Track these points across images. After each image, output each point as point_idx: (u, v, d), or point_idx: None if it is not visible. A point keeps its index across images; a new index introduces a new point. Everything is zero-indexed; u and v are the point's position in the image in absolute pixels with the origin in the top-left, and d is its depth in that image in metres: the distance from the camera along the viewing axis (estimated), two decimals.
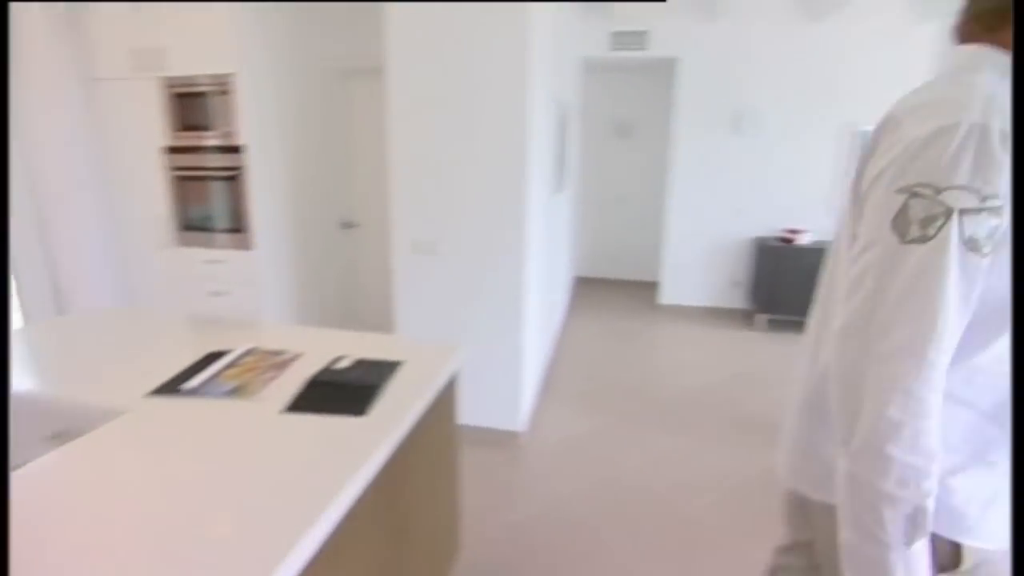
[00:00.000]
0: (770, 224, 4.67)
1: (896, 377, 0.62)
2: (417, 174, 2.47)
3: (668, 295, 5.02)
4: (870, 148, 0.72)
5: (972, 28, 0.73)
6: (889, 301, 0.63)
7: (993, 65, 0.68)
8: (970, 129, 0.60)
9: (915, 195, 0.62)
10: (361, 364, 1.41)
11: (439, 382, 1.39)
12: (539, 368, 3.26)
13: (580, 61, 4.73)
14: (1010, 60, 0.68)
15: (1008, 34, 0.69)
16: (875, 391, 0.63)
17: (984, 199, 0.60)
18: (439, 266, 2.54)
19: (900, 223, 0.63)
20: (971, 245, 0.61)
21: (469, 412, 2.64)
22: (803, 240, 4.35)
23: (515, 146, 2.33)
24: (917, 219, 0.62)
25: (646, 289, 5.61)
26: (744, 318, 4.76)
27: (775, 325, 4.53)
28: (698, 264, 4.90)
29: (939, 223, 0.61)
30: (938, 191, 0.61)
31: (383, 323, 3.45)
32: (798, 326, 4.61)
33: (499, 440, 2.69)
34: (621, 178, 5.84)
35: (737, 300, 4.93)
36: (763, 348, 4.17)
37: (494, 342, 2.58)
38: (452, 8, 2.26)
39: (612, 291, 5.70)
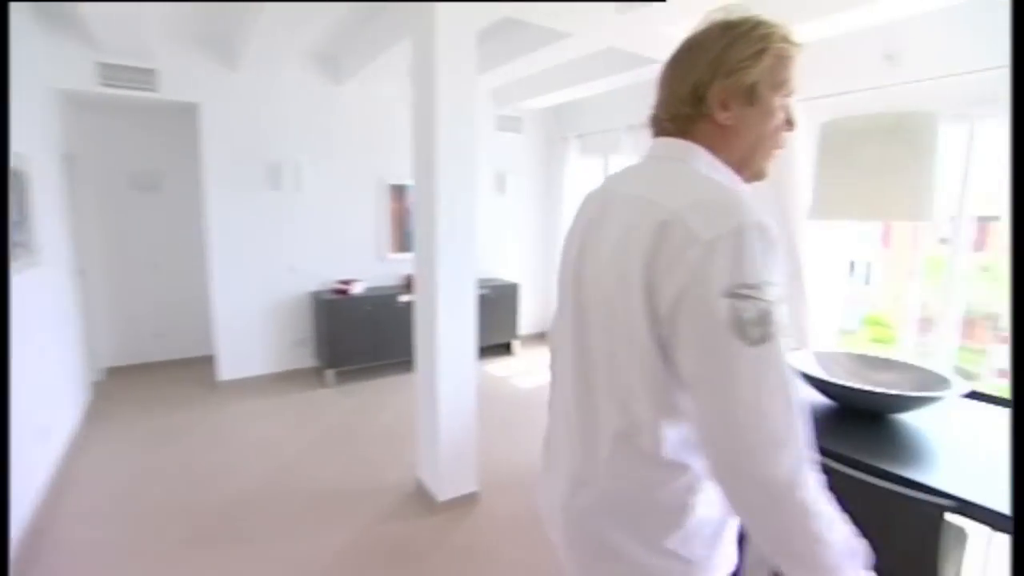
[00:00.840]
0: (324, 277, 4.65)
1: (808, 496, 0.67)
2: None
3: (229, 369, 4.38)
4: (650, 248, 0.71)
5: (667, 126, 0.84)
6: (768, 415, 0.66)
7: (700, 157, 0.80)
8: (757, 226, 0.66)
9: (741, 296, 0.64)
10: None
11: None
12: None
13: (55, 94, 3.65)
14: (709, 155, 0.81)
15: (699, 134, 0.81)
16: (798, 517, 0.67)
17: (779, 287, 0.67)
18: None
19: (738, 328, 0.64)
20: (781, 331, 0.66)
21: None
22: (357, 290, 4.48)
23: None
24: (751, 320, 0.64)
25: (201, 366, 4.79)
26: (315, 376, 4.58)
27: (343, 377, 4.51)
28: (258, 329, 4.46)
29: (771, 318, 0.65)
30: (758, 288, 0.65)
31: None
32: (364, 373, 4.78)
33: None
34: (151, 241, 4.82)
35: (305, 359, 4.71)
36: (336, 404, 4.06)
37: None
38: None
39: (158, 377, 4.64)
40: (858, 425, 1.85)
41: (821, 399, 2.08)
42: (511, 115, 5.55)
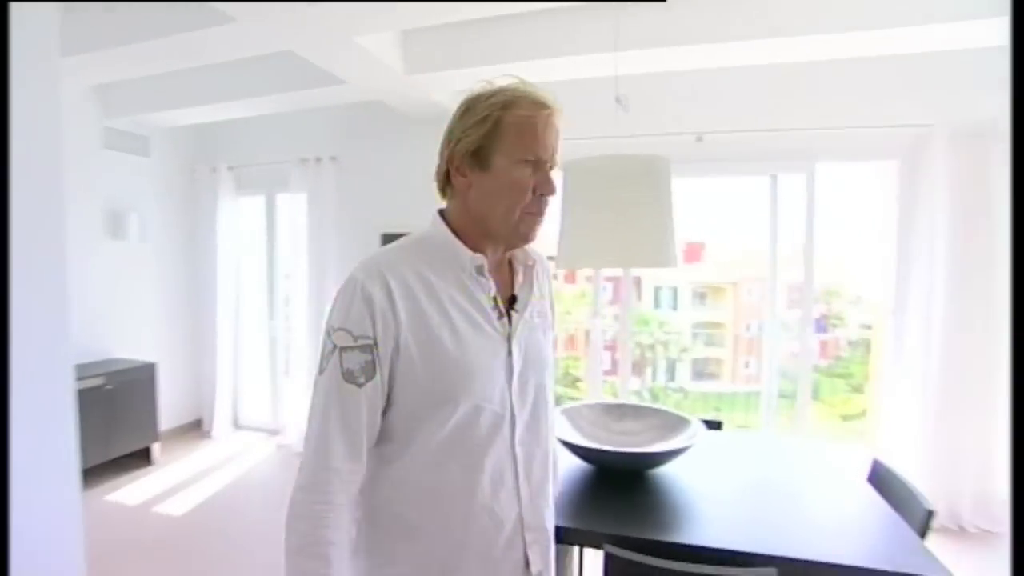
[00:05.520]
0: None
1: (298, 488, 0.76)
2: None
3: None
4: None
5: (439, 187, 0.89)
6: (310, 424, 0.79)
7: (433, 222, 0.88)
8: (349, 281, 0.79)
9: (326, 333, 0.78)
10: None
11: None
12: None
13: None
14: (439, 219, 0.87)
15: (451, 196, 0.87)
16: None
17: (356, 338, 0.76)
18: None
19: (320, 357, 0.79)
20: (347, 376, 0.76)
21: None
22: None
23: None
24: (322, 354, 0.78)
25: None
26: None
27: None
28: None
29: (329, 357, 0.77)
30: (332, 331, 0.78)
31: None
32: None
33: None
34: None
35: None
36: None
37: None
38: None
39: None
40: (617, 488, 1.70)
41: (579, 463, 1.89)
42: (133, 131, 4.13)
